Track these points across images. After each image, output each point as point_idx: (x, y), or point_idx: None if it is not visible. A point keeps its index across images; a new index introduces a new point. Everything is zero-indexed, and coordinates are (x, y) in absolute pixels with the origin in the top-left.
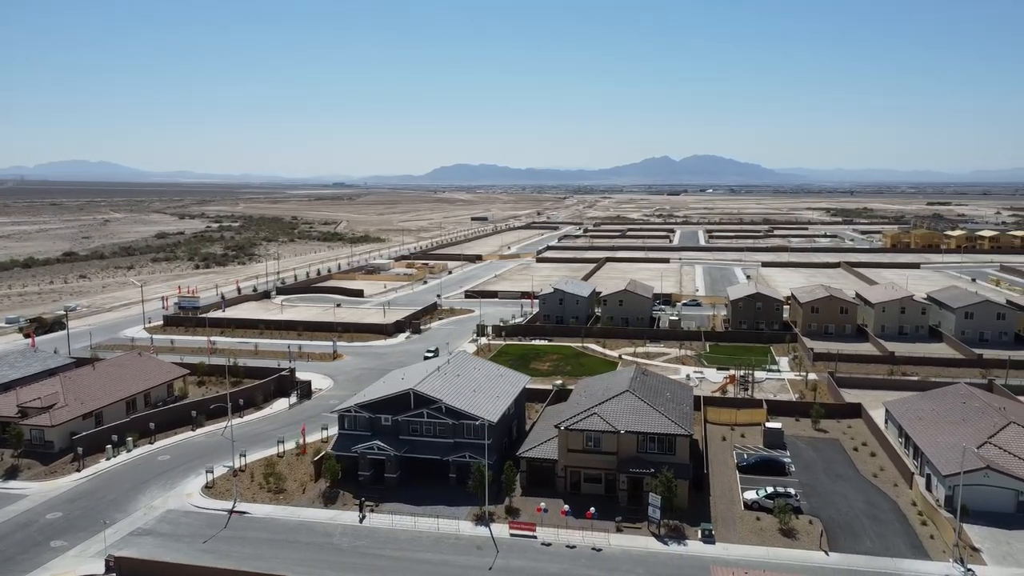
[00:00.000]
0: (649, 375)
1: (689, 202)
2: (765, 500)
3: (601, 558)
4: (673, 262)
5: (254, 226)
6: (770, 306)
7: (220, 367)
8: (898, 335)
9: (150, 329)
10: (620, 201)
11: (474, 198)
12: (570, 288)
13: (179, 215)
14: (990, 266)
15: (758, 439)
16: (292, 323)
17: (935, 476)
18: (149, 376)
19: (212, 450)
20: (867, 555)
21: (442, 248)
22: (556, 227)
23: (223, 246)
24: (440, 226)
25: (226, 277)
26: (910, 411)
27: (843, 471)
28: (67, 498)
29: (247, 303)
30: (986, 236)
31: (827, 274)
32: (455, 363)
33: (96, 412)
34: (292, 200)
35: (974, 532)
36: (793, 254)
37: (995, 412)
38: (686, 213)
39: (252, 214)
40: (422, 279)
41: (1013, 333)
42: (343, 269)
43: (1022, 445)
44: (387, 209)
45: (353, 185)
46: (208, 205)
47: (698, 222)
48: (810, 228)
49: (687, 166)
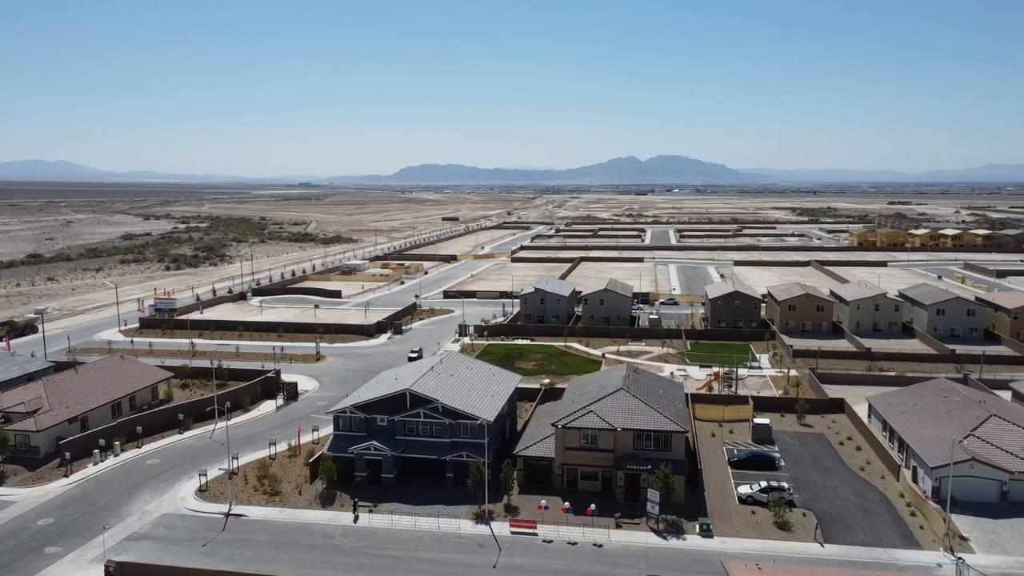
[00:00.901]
0: (641, 373)
1: (657, 202)
2: (759, 494)
3: (602, 554)
4: (647, 261)
5: (222, 227)
6: (748, 304)
7: (203, 370)
8: (872, 332)
9: (126, 332)
10: (589, 201)
11: (443, 198)
12: (551, 288)
13: (144, 216)
14: (954, 264)
15: (746, 435)
16: (272, 324)
17: (921, 468)
18: (133, 379)
19: (201, 453)
20: (861, 546)
21: (416, 248)
22: (528, 227)
23: (192, 247)
24: (412, 226)
25: (199, 279)
26: (893, 405)
27: (831, 465)
28: (57, 504)
29: (223, 305)
30: (949, 235)
31: (798, 272)
32: (448, 363)
33: (81, 416)
34: (259, 200)
35: (961, 522)
36: (764, 253)
37: (976, 405)
38: (655, 213)
39: (219, 215)
40: (399, 279)
41: (983, 329)
42: (318, 270)
43: (1003, 437)
44: (356, 209)
45: (319, 185)
46: (172, 206)
47: (668, 222)
48: (778, 227)
49: (653, 166)
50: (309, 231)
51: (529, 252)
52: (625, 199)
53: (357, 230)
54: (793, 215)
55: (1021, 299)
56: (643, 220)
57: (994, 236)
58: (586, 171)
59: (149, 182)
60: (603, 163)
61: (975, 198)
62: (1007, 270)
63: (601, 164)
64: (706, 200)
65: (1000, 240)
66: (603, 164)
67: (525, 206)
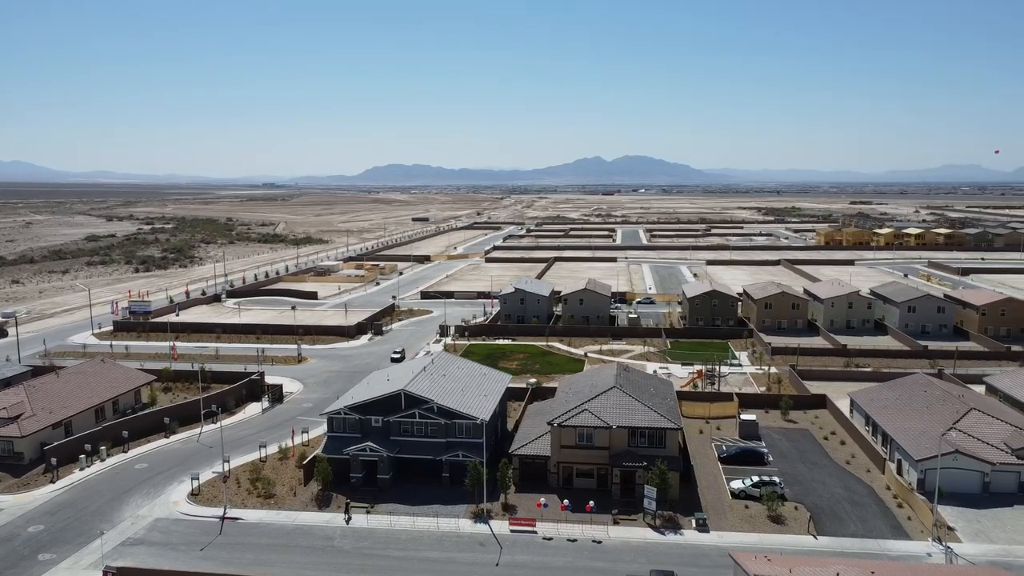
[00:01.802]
0: (631, 371)
1: (625, 202)
2: (751, 489)
3: (603, 550)
4: (620, 261)
5: (188, 228)
6: (725, 303)
7: (185, 373)
8: (846, 329)
9: (99, 335)
10: (557, 201)
11: (411, 199)
12: (530, 287)
13: (106, 217)
14: (918, 262)
15: (733, 431)
16: (251, 327)
17: (906, 461)
18: (115, 383)
19: (190, 457)
20: (853, 537)
21: (388, 249)
22: (499, 227)
23: (160, 249)
24: (382, 227)
25: (169, 280)
26: (875, 400)
27: (818, 459)
28: (46, 510)
29: (198, 307)
30: (912, 234)
31: (769, 271)
32: (439, 363)
33: (65, 421)
34: (223, 201)
35: (946, 512)
36: (735, 252)
37: (955, 399)
38: (624, 213)
39: (184, 215)
40: (374, 280)
41: (952, 325)
42: (291, 271)
43: (984, 430)
44: (324, 210)
45: (284, 186)
46: (135, 206)
47: (637, 221)
48: (745, 227)
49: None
50: (278, 232)
51: (502, 252)
52: (593, 199)
53: (327, 231)
54: (759, 215)
55: (989, 296)
56: (612, 220)
57: (955, 235)
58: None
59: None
60: (569, 163)
61: (932, 198)
62: (970, 268)
63: (567, 164)
64: (672, 200)
65: (961, 239)
66: (569, 164)
67: (494, 206)
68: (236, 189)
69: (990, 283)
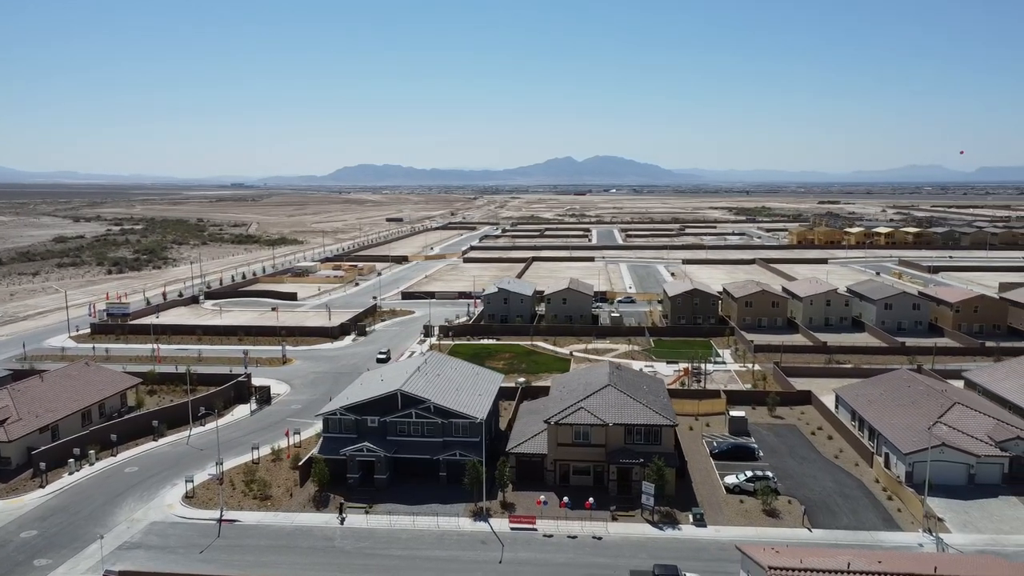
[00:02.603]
0: (623, 370)
1: (597, 202)
2: (746, 483)
3: (603, 546)
4: (597, 261)
5: (159, 229)
6: (706, 301)
7: (170, 375)
8: (824, 326)
9: (76, 337)
10: (530, 201)
11: (383, 199)
12: (514, 287)
13: (73, 218)
14: (889, 261)
15: (721, 428)
16: (232, 328)
17: (894, 455)
18: (101, 386)
19: (180, 460)
20: (846, 529)
21: (365, 249)
22: (474, 227)
23: (131, 250)
24: (357, 227)
25: (143, 282)
26: (861, 396)
27: (807, 454)
28: (37, 515)
29: (176, 308)
30: (882, 233)
31: (744, 270)
32: (432, 363)
33: (52, 425)
34: (191, 201)
35: (934, 504)
36: (710, 251)
37: (939, 394)
38: (598, 213)
39: (153, 216)
40: (353, 281)
41: (927, 322)
42: (269, 272)
43: (967, 423)
44: (296, 211)
45: (253, 186)
46: (101, 207)
47: (611, 221)
48: (718, 227)
49: (589, 166)
50: (251, 233)
51: (480, 252)
52: (565, 199)
53: (301, 231)
54: (731, 215)
55: (962, 294)
56: (587, 220)
57: (923, 234)
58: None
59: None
60: (540, 163)
61: (898, 197)
62: (939, 266)
63: (538, 164)
64: (644, 200)
65: (929, 238)
66: (540, 164)
67: (467, 206)
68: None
69: (959, 281)
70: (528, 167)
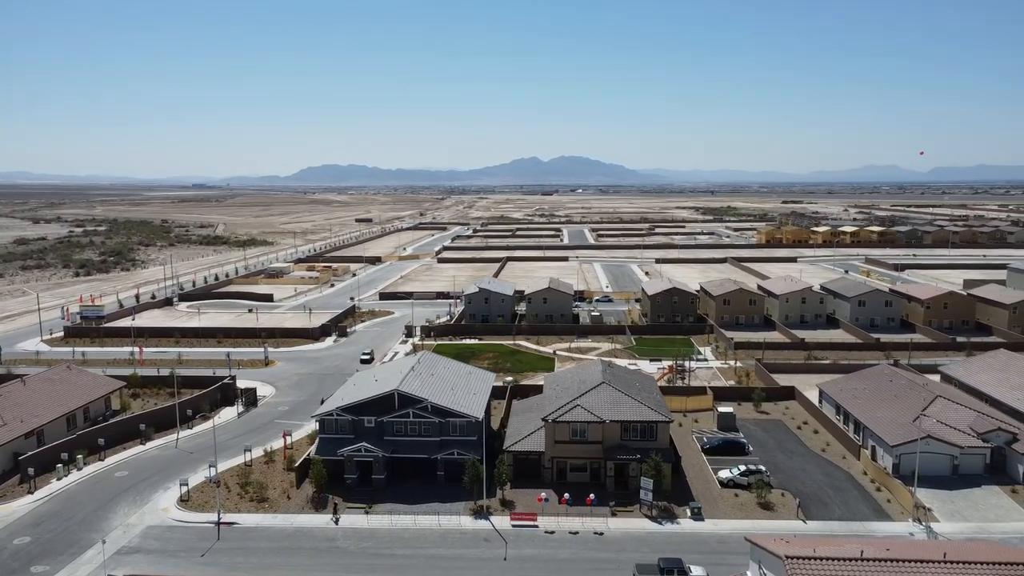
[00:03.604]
0: (615, 367)
1: (565, 202)
2: (739, 478)
3: (605, 541)
4: (572, 260)
5: (123, 230)
6: (685, 300)
7: (152, 378)
8: (800, 323)
9: (50, 341)
10: (497, 201)
11: (350, 199)
12: (495, 287)
13: (32, 219)
14: (856, 259)
15: (710, 423)
16: (211, 330)
17: (880, 447)
18: (85, 390)
19: (170, 463)
20: (839, 520)
21: (337, 250)
22: (444, 228)
23: (97, 252)
24: (326, 228)
25: (113, 284)
26: (845, 391)
27: (794, 448)
28: (29, 522)
29: (150, 311)
30: (848, 232)
31: (716, 269)
32: (426, 363)
33: (38, 430)
34: (153, 202)
35: (921, 494)
36: (682, 251)
37: (920, 388)
38: (567, 213)
39: (115, 217)
40: (328, 282)
41: (899, 319)
42: (241, 273)
43: (950, 416)
44: (263, 211)
45: (215, 186)
46: (60, 208)
47: (581, 221)
48: (687, 226)
49: (555, 167)
50: (219, 234)
51: (454, 252)
52: (533, 199)
53: (269, 232)
54: (698, 214)
55: (932, 291)
56: (557, 220)
57: (888, 233)
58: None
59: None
60: (506, 163)
61: (858, 197)
62: (905, 264)
63: (504, 164)
64: (611, 200)
65: (893, 237)
66: (506, 164)
67: (436, 207)
68: (165, 190)
69: (924, 278)
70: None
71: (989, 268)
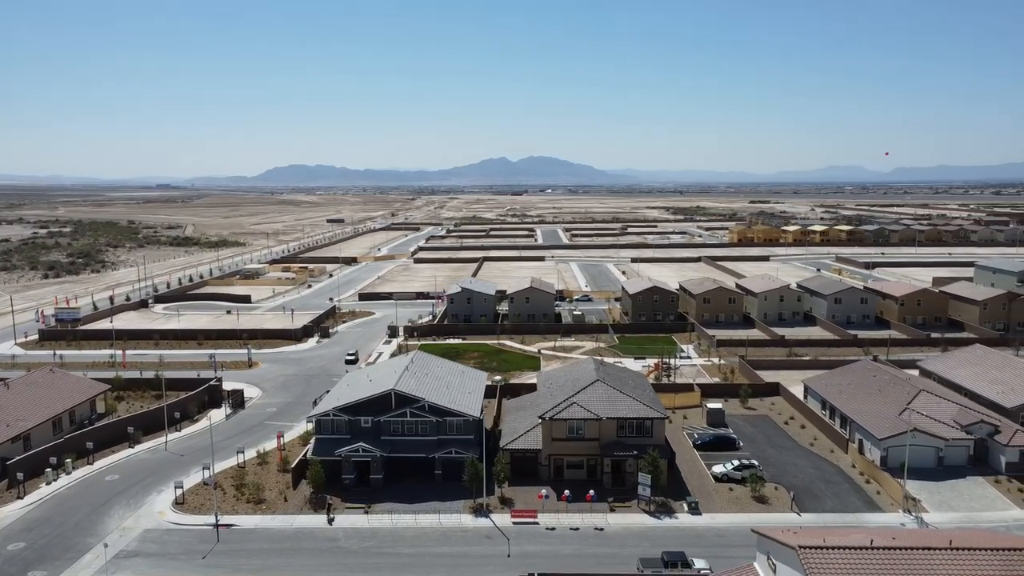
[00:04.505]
0: (608, 365)
1: (536, 202)
2: (733, 472)
3: (606, 536)
4: (548, 260)
5: (89, 231)
6: (666, 298)
7: (136, 381)
8: (778, 321)
9: (24, 344)
10: (469, 201)
11: (319, 200)
12: (477, 287)
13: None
14: (826, 258)
15: (699, 420)
16: (191, 332)
17: (868, 441)
18: (70, 393)
19: (161, 466)
20: (832, 512)
21: (311, 251)
22: (418, 228)
23: (65, 253)
24: (298, 229)
25: (84, 286)
26: (830, 386)
27: (783, 443)
28: (21, 527)
29: (125, 313)
30: (817, 231)
31: (691, 268)
32: (419, 362)
33: (24, 435)
34: (118, 203)
35: (909, 486)
36: (657, 250)
37: (904, 383)
38: (539, 213)
39: (79, 218)
40: (305, 282)
41: (874, 316)
42: (216, 275)
43: (933, 409)
44: (231, 212)
45: (180, 187)
46: (21, 209)
47: (553, 221)
48: (659, 226)
49: (524, 167)
50: (188, 235)
51: (429, 253)
52: (504, 199)
53: (240, 233)
54: (669, 214)
55: (906, 288)
56: (529, 220)
57: (856, 232)
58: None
59: None
60: (475, 164)
61: (823, 197)
62: (874, 262)
63: (473, 165)
64: (581, 200)
65: (861, 235)
66: (475, 165)
67: (407, 207)
68: (129, 190)
69: (893, 276)
70: (463, 167)
71: (955, 266)
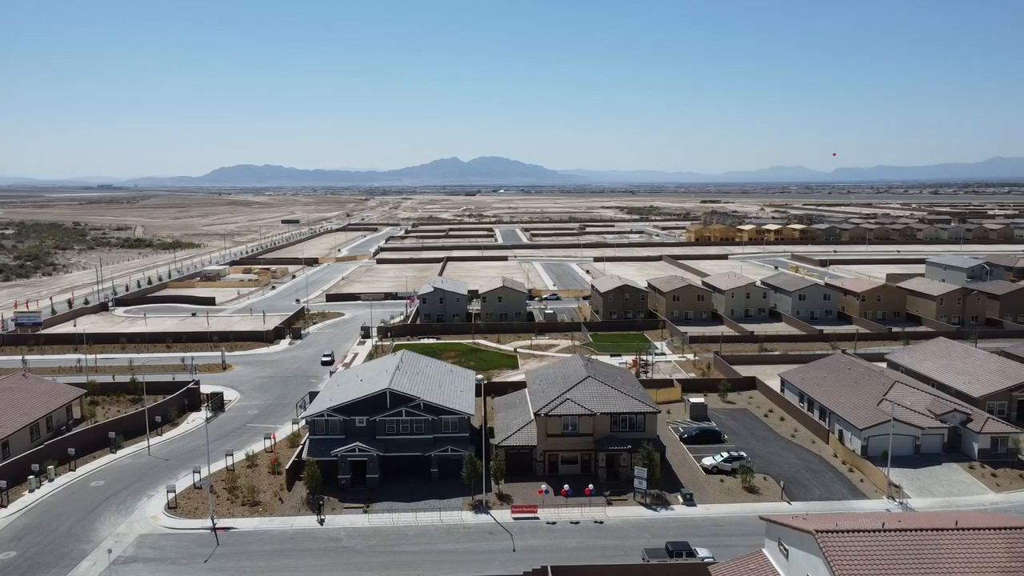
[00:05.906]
0: (596, 362)
1: (490, 202)
2: (723, 464)
3: (606, 529)
4: (511, 260)
5: (33, 233)
6: (636, 296)
7: (111, 385)
8: (745, 317)
9: None
10: (422, 202)
11: (270, 200)
12: (449, 287)
13: None
14: (782, 255)
15: (681, 414)
16: (160, 335)
17: (848, 431)
18: (46, 399)
19: (147, 471)
20: (821, 500)
21: (270, 252)
22: (375, 229)
23: (11, 256)
24: (254, 230)
25: (37, 290)
26: (807, 379)
27: (765, 435)
28: (9, 536)
29: (86, 316)
30: (772, 230)
31: (654, 267)
32: (409, 361)
33: (2, 441)
34: (58, 204)
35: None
36: (619, 249)
37: (878, 375)
38: (495, 213)
39: (21, 220)
40: (268, 284)
41: (836, 311)
42: (175, 277)
43: (908, 399)
44: (180, 212)
45: (123, 187)
46: None
47: (510, 221)
48: (616, 225)
49: (475, 167)
50: (139, 236)
51: (391, 253)
52: (458, 199)
53: (193, 234)
54: (624, 214)
55: (867, 284)
56: (486, 220)
57: (808, 231)
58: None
59: None
60: (426, 164)
61: (770, 196)
62: (828, 260)
63: (424, 165)
64: (535, 200)
65: (814, 234)
66: (426, 165)
67: (360, 208)
68: (69, 191)
69: (847, 273)
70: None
71: (904, 263)
